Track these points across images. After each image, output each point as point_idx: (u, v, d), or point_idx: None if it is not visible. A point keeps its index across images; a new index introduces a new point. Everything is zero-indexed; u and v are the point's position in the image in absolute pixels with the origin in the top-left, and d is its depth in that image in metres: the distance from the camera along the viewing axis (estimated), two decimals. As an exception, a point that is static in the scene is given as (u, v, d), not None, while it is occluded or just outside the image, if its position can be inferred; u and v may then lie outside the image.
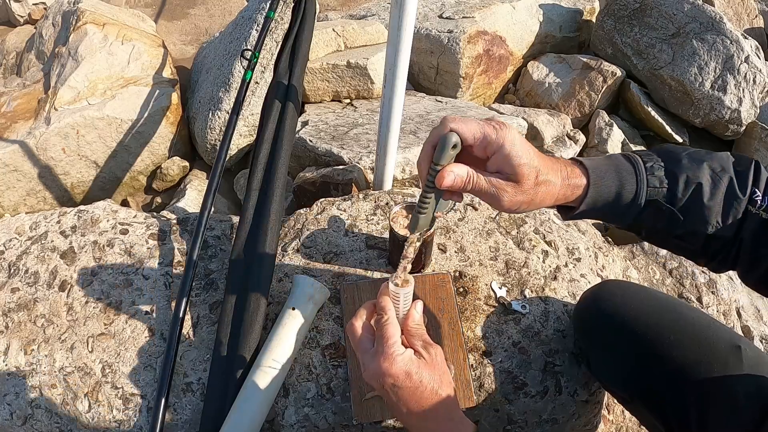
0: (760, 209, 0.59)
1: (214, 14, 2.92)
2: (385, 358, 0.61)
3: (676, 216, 0.61)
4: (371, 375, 0.62)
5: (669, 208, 0.60)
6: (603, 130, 2.05)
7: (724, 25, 1.98)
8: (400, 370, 0.60)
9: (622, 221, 0.64)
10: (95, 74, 1.84)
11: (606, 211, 0.63)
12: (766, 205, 0.59)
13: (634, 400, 0.82)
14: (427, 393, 0.61)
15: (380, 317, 0.64)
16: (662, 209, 0.61)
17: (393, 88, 1.04)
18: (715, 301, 1.26)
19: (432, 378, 0.62)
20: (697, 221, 0.60)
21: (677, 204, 0.60)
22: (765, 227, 0.59)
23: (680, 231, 0.62)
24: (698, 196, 0.60)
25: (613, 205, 0.62)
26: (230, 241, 1.11)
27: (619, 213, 0.63)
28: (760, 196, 0.59)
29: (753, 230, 0.60)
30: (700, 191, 0.60)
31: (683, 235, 0.62)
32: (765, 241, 0.60)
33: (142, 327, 0.96)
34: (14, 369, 0.93)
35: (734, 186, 0.60)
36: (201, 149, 1.85)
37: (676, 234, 0.63)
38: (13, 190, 1.72)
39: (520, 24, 2.23)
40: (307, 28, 1.38)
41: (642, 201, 0.61)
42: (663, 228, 0.63)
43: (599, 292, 0.90)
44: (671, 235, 0.63)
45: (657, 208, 0.61)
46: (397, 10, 0.92)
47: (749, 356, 0.73)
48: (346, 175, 1.36)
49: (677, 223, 0.61)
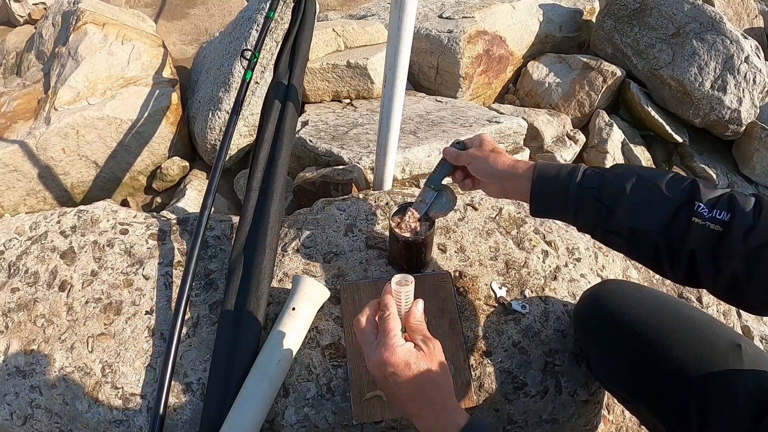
0: (707, 221, 0.64)
1: (214, 14, 2.92)
2: (386, 348, 0.66)
3: (603, 209, 0.72)
4: (373, 365, 0.67)
5: (596, 202, 0.73)
6: (603, 130, 2.05)
7: (724, 25, 1.98)
8: (400, 360, 0.66)
9: (567, 214, 0.77)
10: (95, 74, 1.84)
11: (551, 201, 0.78)
12: (714, 217, 0.64)
13: (634, 399, 0.82)
14: (425, 382, 0.66)
15: (383, 313, 0.70)
16: (594, 205, 0.73)
17: (393, 88, 1.04)
18: (715, 301, 1.26)
19: (429, 368, 0.67)
20: (621, 215, 0.71)
21: (603, 199, 0.72)
22: (719, 238, 0.64)
23: (611, 226, 0.72)
24: (622, 193, 0.71)
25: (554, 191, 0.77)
26: (230, 241, 1.11)
27: (561, 204, 0.76)
28: (705, 209, 0.65)
29: (704, 242, 0.65)
30: (623, 189, 0.71)
31: (614, 230, 0.72)
32: (722, 252, 0.63)
33: (142, 327, 0.96)
34: (14, 369, 0.93)
35: (659, 188, 0.69)
36: (201, 149, 1.85)
37: (609, 229, 0.73)
38: (13, 190, 1.72)
39: (520, 24, 2.23)
40: (307, 28, 1.38)
41: (573, 189, 0.74)
42: (599, 224, 0.74)
43: (599, 292, 0.90)
44: (606, 230, 0.73)
45: (591, 205, 0.73)
46: (397, 10, 0.92)
47: (749, 355, 0.73)
48: (346, 175, 1.36)
49: (605, 216, 0.72)
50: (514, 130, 1.70)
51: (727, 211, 0.64)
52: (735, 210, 0.64)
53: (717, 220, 0.64)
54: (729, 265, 0.63)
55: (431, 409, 0.66)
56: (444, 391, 0.67)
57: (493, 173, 0.82)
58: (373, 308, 0.72)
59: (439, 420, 0.66)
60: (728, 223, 0.63)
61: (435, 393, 0.67)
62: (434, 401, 0.66)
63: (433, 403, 0.66)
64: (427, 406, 0.66)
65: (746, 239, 0.62)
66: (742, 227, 0.63)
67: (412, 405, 0.67)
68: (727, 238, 0.63)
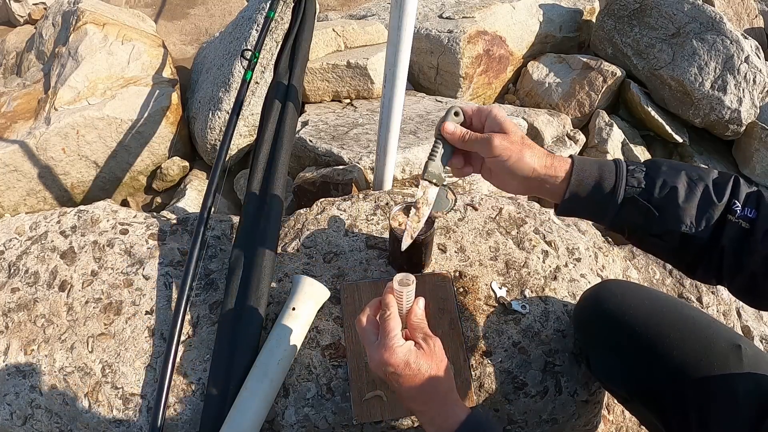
0: (739, 218, 0.63)
1: (214, 14, 2.92)
2: (386, 349, 0.67)
3: (652, 213, 0.66)
4: (375, 365, 0.69)
5: (645, 205, 0.66)
6: (603, 130, 2.05)
7: (724, 25, 1.98)
8: (400, 360, 0.67)
9: (605, 216, 0.69)
10: (95, 74, 1.84)
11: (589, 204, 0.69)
12: (745, 214, 0.63)
13: (634, 399, 0.82)
14: (425, 380, 0.68)
15: (383, 312, 0.71)
16: (640, 207, 0.66)
17: (393, 88, 1.04)
18: (715, 301, 1.26)
19: (429, 366, 0.68)
20: (671, 220, 0.65)
21: (653, 202, 0.66)
22: (745, 236, 0.63)
23: (657, 230, 0.67)
24: (673, 197, 0.65)
25: (594, 195, 0.68)
26: (230, 241, 1.11)
27: (601, 205, 0.68)
28: (739, 206, 0.64)
29: (733, 239, 0.64)
30: (675, 193, 0.65)
31: (660, 234, 0.67)
32: (746, 249, 0.63)
33: (142, 327, 0.96)
34: (14, 369, 0.93)
35: (710, 193, 0.65)
36: (201, 149, 1.85)
37: (654, 232, 0.67)
38: (13, 190, 1.72)
39: (520, 24, 2.23)
40: (307, 28, 1.38)
41: (620, 196, 0.67)
42: (641, 225, 0.67)
43: (599, 292, 0.90)
44: (648, 233, 0.68)
45: (635, 205, 0.67)
46: (397, 10, 0.92)
47: (749, 355, 0.73)
48: (346, 175, 1.36)
49: (653, 220, 0.66)
50: (514, 130, 1.70)
51: (755, 208, 0.64)
52: (761, 207, 0.64)
53: (746, 218, 0.63)
54: (750, 263, 0.63)
55: (433, 405, 0.68)
56: (445, 386, 0.69)
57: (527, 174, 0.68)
58: (374, 307, 0.73)
59: (441, 414, 0.68)
60: (754, 221, 0.63)
61: (436, 389, 0.68)
62: (435, 397, 0.68)
63: (435, 399, 0.68)
64: (429, 402, 0.68)
65: (764, 238, 0.62)
66: (764, 225, 0.63)
67: (414, 402, 0.69)
68: (753, 236, 0.63)
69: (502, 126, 0.69)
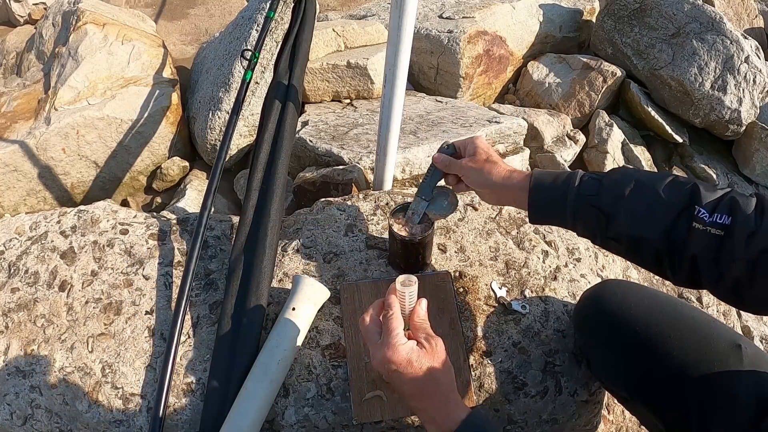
0: (708, 226, 0.64)
1: (214, 14, 2.92)
2: (389, 347, 0.69)
3: (602, 217, 0.71)
4: (378, 363, 0.70)
5: (596, 210, 0.72)
6: (603, 130, 2.05)
7: (724, 25, 1.98)
8: (403, 358, 0.68)
9: (566, 222, 0.76)
10: (95, 74, 1.84)
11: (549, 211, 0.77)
12: (715, 221, 0.64)
13: (634, 399, 0.82)
14: (427, 378, 0.69)
15: (386, 312, 0.72)
16: (592, 212, 0.72)
17: (393, 88, 1.04)
18: (715, 301, 1.26)
19: (431, 366, 0.70)
20: (620, 224, 0.70)
21: (603, 208, 0.71)
22: (721, 243, 0.63)
23: (611, 234, 0.71)
24: (620, 203, 0.70)
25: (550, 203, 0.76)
26: (230, 241, 1.11)
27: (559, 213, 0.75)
28: (706, 214, 0.64)
29: (706, 247, 0.64)
30: (623, 199, 0.70)
31: (615, 237, 0.71)
32: (724, 257, 0.63)
33: (142, 327, 0.96)
34: (14, 369, 0.93)
35: (658, 197, 0.68)
36: (201, 149, 1.85)
37: (609, 235, 0.72)
38: (13, 190, 1.72)
39: (520, 24, 2.23)
40: (307, 28, 1.38)
41: (570, 200, 0.73)
42: (598, 230, 0.73)
43: (599, 292, 0.90)
44: (605, 236, 0.72)
45: (589, 210, 0.72)
46: (397, 10, 0.92)
47: (749, 355, 0.73)
48: (346, 175, 1.36)
49: (604, 224, 0.71)
50: (514, 131, 1.70)
51: (728, 214, 0.63)
52: (736, 213, 0.63)
53: (718, 225, 0.63)
54: (731, 269, 0.63)
55: (434, 404, 0.69)
56: (446, 386, 0.70)
57: (489, 185, 0.82)
58: (377, 308, 0.75)
59: (441, 414, 0.68)
60: (729, 227, 0.63)
61: (437, 388, 0.69)
62: (436, 396, 0.69)
63: (436, 398, 0.69)
64: (430, 401, 0.69)
65: (748, 244, 0.61)
66: (744, 231, 0.62)
67: (415, 400, 0.70)
68: (729, 242, 0.62)
69: (475, 150, 0.84)
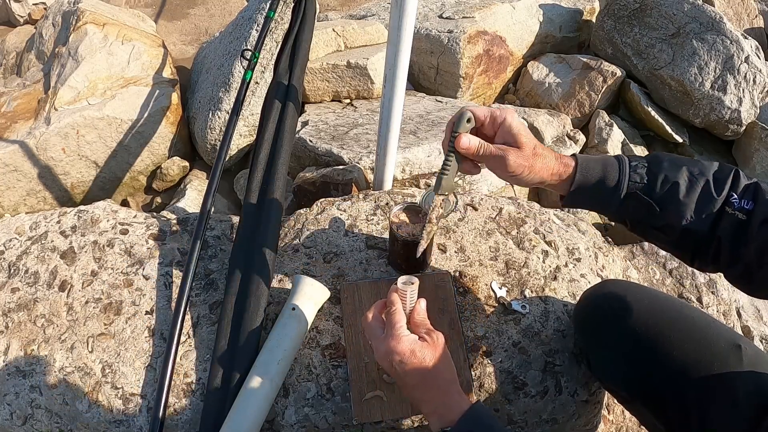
0: (736, 210, 0.65)
1: (214, 14, 2.92)
2: (393, 338, 0.71)
3: (654, 208, 0.69)
4: (382, 355, 0.72)
5: (647, 200, 0.69)
6: (603, 130, 2.05)
7: (724, 25, 1.98)
8: (406, 348, 0.70)
9: (609, 209, 0.72)
10: (95, 74, 1.84)
11: (593, 196, 0.72)
12: (742, 206, 0.65)
13: (635, 399, 0.82)
14: (429, 369, 0.70)
15: (389, 308, 0.75)
16: (642, 202, 0.69)
17: (393, 88, 1.04)
18: (715, 301, 1.26)
19: (433, 357, 0.71)
20: (673, 215, 0.68)
21: (655, 197, 0.68)
22: (742, 227, 0.65)
23: (659, 223, 0.70)
24: (674, 193, 0.68)
25: (597, 190, 0.71)
26: (230, 241, 1.11)
27: (604, 200, 0.71)
28: (736, 199, 0.66)
29: (730, 230, 0.66)
30: (677, 188, 0.68)
31: (662, 227, 0.70)
32: (743, 240, 0.65)
33: (142, 327, 0.96)
34: (14, 369, 0.93)
35: (710, 187, 0.67)
36: (201, 149, 1.85)
37: (655, 225, 0.70)
38: (13, 190, 1.72)
39: (520, 24, 2.23)
40: (307, 28, 1.38)
41: (623, 190, 0.69)
42: (643, 219, 0.70)
43: (599, 292, 0.90)
44: (651, 226, 0.71)
45: (638, 199, 0.69)
46: (397, 10, 0.92)
47: (749, 355, 0.73)
48: (346, 175, 1.36)
49: (655, 214, 0.69)
50: (514, 130, 1.70)
51: (751, 200, 0.65)
52: (758, 199, 0.65)
53: (743, 210, 0.65)
54: (746, 254, 0.65)
55: (436, 395, 0.70)
56: (447, 377, 0.72)
57: (537, 182, 0.71)
58: (379, 307, 0.78)
59: (443, 405, 0.70)
60: (751, 212, 0.65)
61: (439, 379, 0.71)
62: (438, 387, 0.71)
63: (438, 389, 0.70)
64: (432, 392, 0.70)
65: (761, 228, 0.64)
66: (760, 216, 0.64)
67: (417, 391, 0.71)
68: (749, 227, 0.65)
69: (516, 138, 0.70)
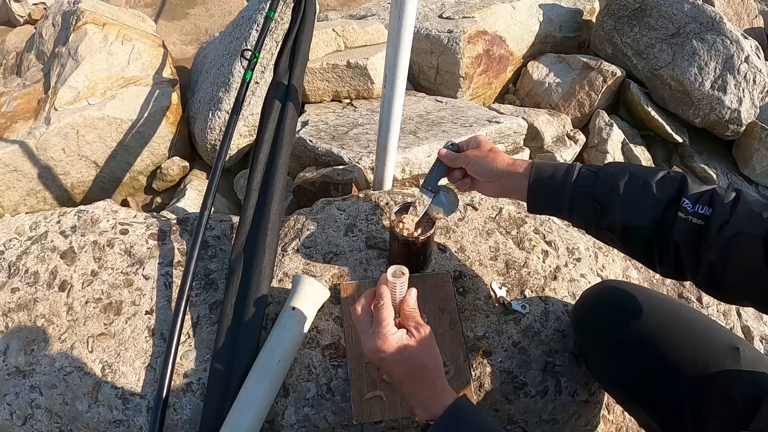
0: (690, 215, 0.68)
1: (214, 14, 2.92)
2: (379, 337, 0.72)
3: (598, 207, 0.75)
4: (368, 351, 0.73)
5: (592, 201, 0.75)
6: (603, 130, 2.05)
7: (724, 25, 1.98)
8: (392, 346, 0.71)
9: (563, 211, 0.79)
10: (95, 74, 1.84)
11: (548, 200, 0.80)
12: (697, 211, 0.67)
13: (631, 400, 0.82)
14: (415, 365, 0.72)
15: (377, 302, 0.75)
16: (588, 202, 0.76)
17: (393, 88, 1.04)
18: (715, 301, 1.26)
19: (419, 353, 0.72)
20: (614, 213, 0.73)
21: (599, 198, 0.75)
22: (700, 232, 0.67)
23: (605, 223, 0.75)
24: (615, 194, 0.74)
25: (548, 185, 0.79)
26: (230, 241, 1.11)
27: (556, 197, 0.79)
28: (689, 204, 0.68)
29: (687, 235, 0.68)
30: (617, 190, 0.74)
31: (609, 226, 0.75)
32: (702, 244, 0.67)
33: (142, 327, 0.96)
34: (14, 369, 0.93)
35: (650, 188, 0.72)
36: (201, 149, 1.85)
37: (603, 225, 0.75)
38: (13, 190, 1.72)
39: (520, 24, 2.23)
40: (307, 28, 1.38)
41: (569, 186, 0.77)
42: (592, 219, 0.76)
43: (599, 292, 0.90)
44: (599, 225, 0.76)
45: (585, 202, 0.76)
46: (397, 10, 0.92)
47: (747, 357, 0.73)
48: (346, 175, 1.36)
49: (600, 214, 0.75)
50: (514, 130, 1.70)
51: (708, 206, 0.67)
52: (715, 205, 0.67)
53: (699, 215, 0.67)
54: (707, 257, 0.66)
55: (421, 389, 0.72)
56: (433, 372, 0.73)
57: (493, 172, 0.84)
58: (368, 298, 0.78)
59: (428, 399, 0.71)
60: (709, 218, 0.67)
61: (425, 374, 0.72)
62: (424, 382, 0.72)
63: (424, 384, 0.72)
64: (418, 386, 0.72)
65: (720, 231, 0.65)
66: (719, 221, 0.66)
67: (404, 385, 0.73)
68: (707, 232, 0.66)
69: (478, 143, 0.88)
